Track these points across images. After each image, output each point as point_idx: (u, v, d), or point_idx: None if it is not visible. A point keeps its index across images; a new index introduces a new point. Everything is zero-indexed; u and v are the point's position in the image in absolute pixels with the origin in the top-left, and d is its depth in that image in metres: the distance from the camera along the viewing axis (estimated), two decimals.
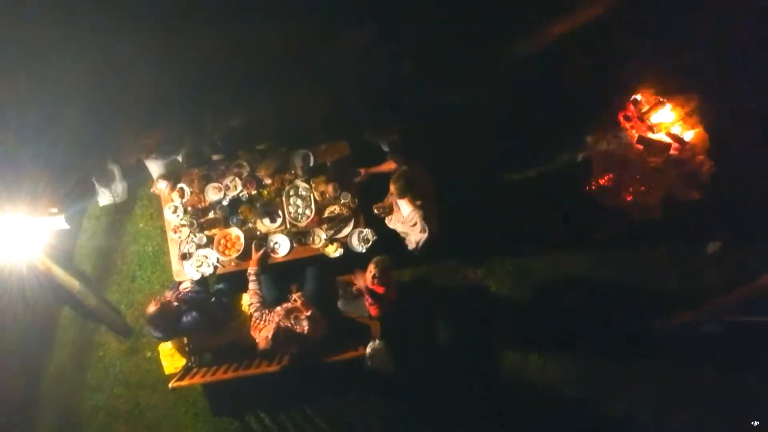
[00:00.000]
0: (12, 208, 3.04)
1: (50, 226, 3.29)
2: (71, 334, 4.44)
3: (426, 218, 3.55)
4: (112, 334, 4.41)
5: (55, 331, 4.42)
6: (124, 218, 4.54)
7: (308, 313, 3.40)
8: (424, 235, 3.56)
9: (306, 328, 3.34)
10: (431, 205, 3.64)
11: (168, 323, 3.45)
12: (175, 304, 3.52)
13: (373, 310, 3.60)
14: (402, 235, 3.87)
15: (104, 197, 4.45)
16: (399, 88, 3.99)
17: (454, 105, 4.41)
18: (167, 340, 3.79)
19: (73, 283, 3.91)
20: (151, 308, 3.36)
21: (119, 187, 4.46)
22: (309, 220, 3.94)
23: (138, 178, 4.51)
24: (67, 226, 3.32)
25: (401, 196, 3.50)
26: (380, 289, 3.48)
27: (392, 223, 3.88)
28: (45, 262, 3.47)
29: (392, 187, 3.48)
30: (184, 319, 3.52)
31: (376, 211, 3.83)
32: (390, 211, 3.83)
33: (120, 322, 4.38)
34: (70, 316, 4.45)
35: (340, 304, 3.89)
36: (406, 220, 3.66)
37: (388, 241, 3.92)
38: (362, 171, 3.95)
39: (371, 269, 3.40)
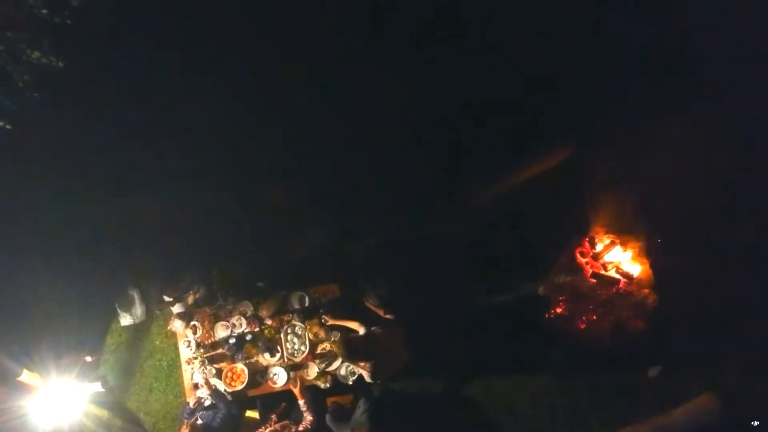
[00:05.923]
0: (57, 376, 3.67)
1: (88, 390, 3.92)
2: None
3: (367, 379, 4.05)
4: None
5: None
6: (143, 336, 5.19)
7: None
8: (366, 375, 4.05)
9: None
10: (386, 364, 3.97)
11: None
12: (200, 422, 4.13)
13: None
14: None
15: (125, 319, 5.10)
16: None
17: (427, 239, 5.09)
18: None
19: (103, 413, 4.56)
20: (184, 431, 3.97)
21: (138, 310, 5.11)
22: (304, 355, 4.59)
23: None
24: (102, 389, 3.96)
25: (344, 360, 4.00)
26: None
27: None
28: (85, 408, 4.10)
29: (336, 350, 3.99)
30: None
31: None
32: None
33: (139, 430, 5.04)
34: (93, 423, 5.09)
35: (328, 419, 4.50)
36: None
37: None
38: (328, 319, 4.51)
39: None
